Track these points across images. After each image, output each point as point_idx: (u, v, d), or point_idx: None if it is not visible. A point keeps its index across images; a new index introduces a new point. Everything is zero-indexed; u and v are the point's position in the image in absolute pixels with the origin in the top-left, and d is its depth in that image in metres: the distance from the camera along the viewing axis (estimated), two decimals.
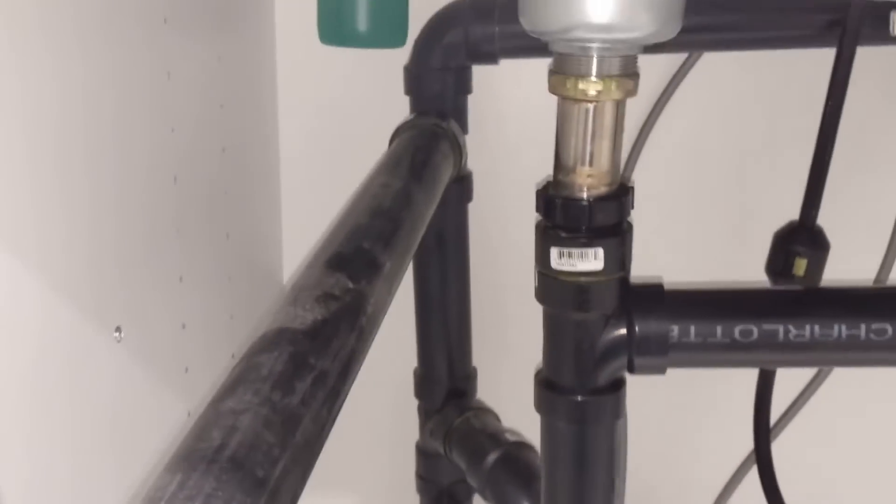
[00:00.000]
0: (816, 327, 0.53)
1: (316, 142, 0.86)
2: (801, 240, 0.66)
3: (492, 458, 0.73)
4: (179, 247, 0.61)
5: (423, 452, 0.85)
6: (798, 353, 0.54)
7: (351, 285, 0.45)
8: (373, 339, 0.46)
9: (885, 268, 0.74)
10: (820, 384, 0.79)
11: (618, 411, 0.57)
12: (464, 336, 0.83)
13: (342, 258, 0.47)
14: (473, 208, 0.80)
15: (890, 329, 0.53)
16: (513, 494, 0.71)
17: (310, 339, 0.40)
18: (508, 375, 0.83)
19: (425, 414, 0.84)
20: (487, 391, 0.85)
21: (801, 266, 0.66)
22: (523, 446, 0.74)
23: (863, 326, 0.53)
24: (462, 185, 0.77)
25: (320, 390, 0.38)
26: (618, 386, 0.57)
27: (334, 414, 0.39)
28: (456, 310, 0.81)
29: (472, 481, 0.76)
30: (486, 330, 0.86)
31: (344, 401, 0.41)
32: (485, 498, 0.74)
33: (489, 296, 0.86)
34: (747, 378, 0.75)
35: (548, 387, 0.57)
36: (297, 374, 0.37)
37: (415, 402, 0.85)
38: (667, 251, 0.83)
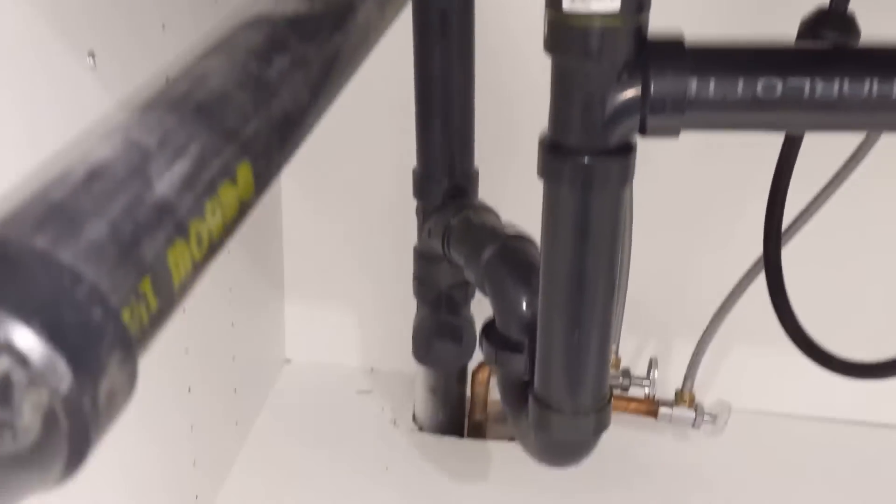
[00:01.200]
0: (846, 82, 0.49)
1: None
2: (830, 24, 0.61)
3: (490, 250, 0.71)
4: None
5: (421, 255, 0.83)
6: (824, 112, 0.51)
7: None
8: (362, 57, 0.42)
9: None
10: (833, 191, 0.76)
11: (625, 177, 0.54)
12: (466, 131, 0.79)
13: None
14: None
15: None
16: (511, 286, 0.69)
17: (290, 26, 0.36)
18: (513, 178, 0.80)
19: (424, 214, 0.81)
20: (489, 194, 0.82)
21: None
22: (523, 239, 0.72)
23: None
24: None
25: (300, 72, 0.34)
26: (627, 150, 0.54)
27: (318, 106, 0.36)
28: (459, 103, 0.77)
29: (470, 276, 0.74)
30: (491, 128, 0.82)
31: (327, 101, 0.37)
32: (482, 292, 0.72)
33: (495, 91, 0.81)
34: (761, 181, 0.72)
35: (552, 149, 0.54)
36: (275, 50, 0.34)
37: (413, 205, 0.82)
38: (690, 8, 0.77)
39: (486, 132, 0.81)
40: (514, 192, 0.76)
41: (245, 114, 0.30)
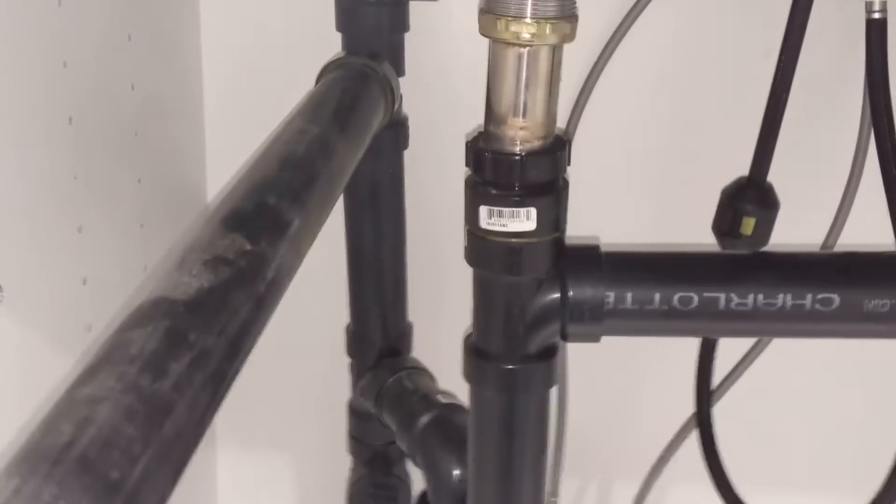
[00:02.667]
0: (760, 296, 0.50)
1: (242, 81, 0.80)
2: (749, 197, 0.62)
3: (423, 421, 0.70)
4: (80, 196, 0.55)
5: (355, 412, 0.82)
6: (740, 322, 0.51)
7: (248, 247, 0.40)
8: (274, 308, 0.41)
9: (833, 232, 0.71)
10: (764, 348, 0.77)
11: (549, 380, 0.54)
12: (398, 292, 0.78)
13: (241, 216, 0.42)
14: (410, 156, 0.75)
15: (837, 299, 0.50)
16: (444, 460, 0.68)
17: (191, 312, 0.35)
18: (446, 332, 0.79)
19: (358, 372, 0.80)
20: (423, 348, 0.81)
21: (748, 225, 0.62)
22: (457, 409, 0.71)
23: (809, 296, 0.50)
24: (397, 132, 0.72)
25: (199, 372, 0.33)
26: (550, 354, 0.54)
27: (218, 398, 0.35)
28: (390, 264, 0.77)
29: (403, 445, 0.72)
30: (423, 285, 0.82)
31: (231, 383, 0.36)
32: (415, 463, 0.71)
33: (426, 250, 0.81)
34: (691, 340, 0.73)
35: (476, 354, 0.54)
36: (171, 354, 0.33)
37: (346, 360, 0.81)
38: (608, 210, 0.79)
39: (419, 285, 0.81)
40: (447, 347, 0.75)
41: (132, 456, 0.29)
